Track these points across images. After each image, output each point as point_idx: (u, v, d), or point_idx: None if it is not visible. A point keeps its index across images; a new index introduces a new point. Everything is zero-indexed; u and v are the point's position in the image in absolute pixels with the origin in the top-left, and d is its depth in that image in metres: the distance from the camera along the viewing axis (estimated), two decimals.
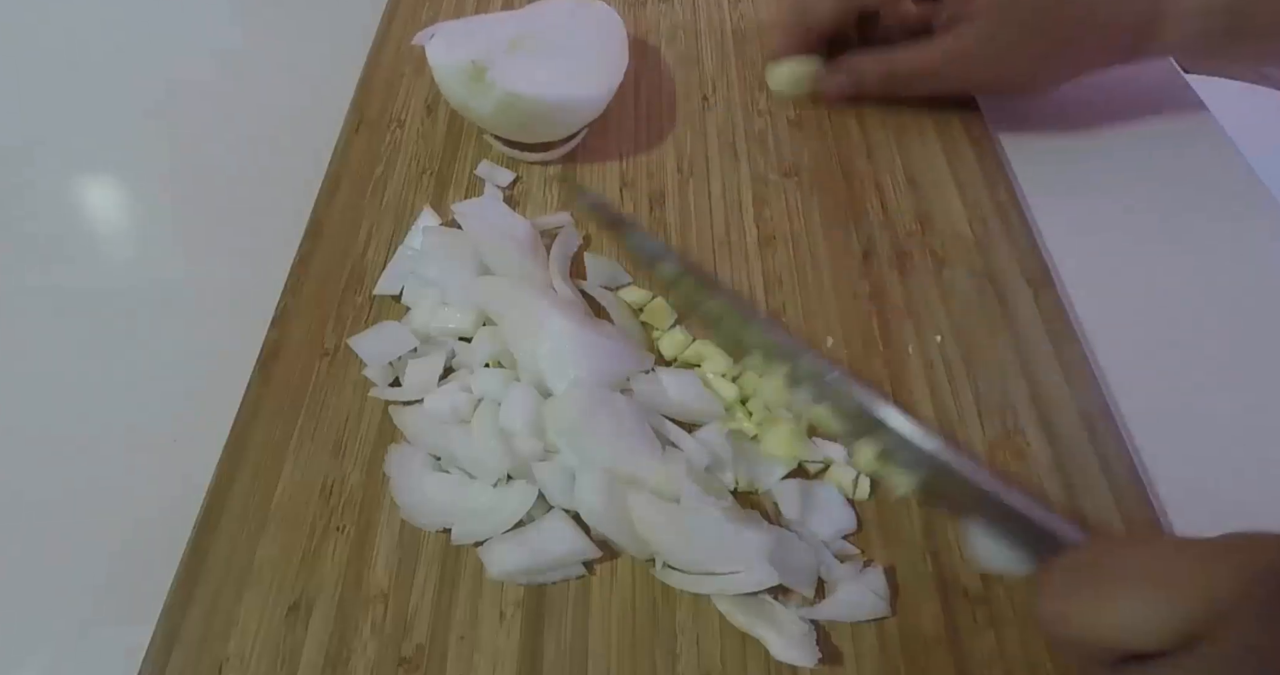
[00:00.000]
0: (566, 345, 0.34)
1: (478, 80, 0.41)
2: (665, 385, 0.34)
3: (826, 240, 0.41)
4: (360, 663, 0.30)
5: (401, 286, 0.39)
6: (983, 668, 0.29)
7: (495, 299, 0.37)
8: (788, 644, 0.28)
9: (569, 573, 0.31)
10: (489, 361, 0.36)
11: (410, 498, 0.33)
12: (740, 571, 0.30)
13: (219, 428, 0.35)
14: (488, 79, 0.41)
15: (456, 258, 0.38)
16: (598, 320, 0.37)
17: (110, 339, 0.41)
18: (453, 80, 0.42)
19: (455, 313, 0.37)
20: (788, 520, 0.32)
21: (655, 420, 0.34)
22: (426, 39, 0.43)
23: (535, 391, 0.34)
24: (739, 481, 0.32)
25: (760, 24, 0.52)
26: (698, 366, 0.36)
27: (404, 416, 0.35)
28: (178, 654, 0.30)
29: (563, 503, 0.32)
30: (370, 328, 0.38)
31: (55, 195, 0.48)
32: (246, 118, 0.51)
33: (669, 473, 0.31)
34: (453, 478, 0.33)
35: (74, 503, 0.36)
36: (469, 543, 0.32)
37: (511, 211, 0.42)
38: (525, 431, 0.33)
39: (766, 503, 0.33)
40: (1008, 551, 0.29)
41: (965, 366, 0.36)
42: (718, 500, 0.31)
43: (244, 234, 0.45)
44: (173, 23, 0.58)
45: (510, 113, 0.42)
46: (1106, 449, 0.33)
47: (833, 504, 0.32)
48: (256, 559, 0.32)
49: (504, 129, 0.44)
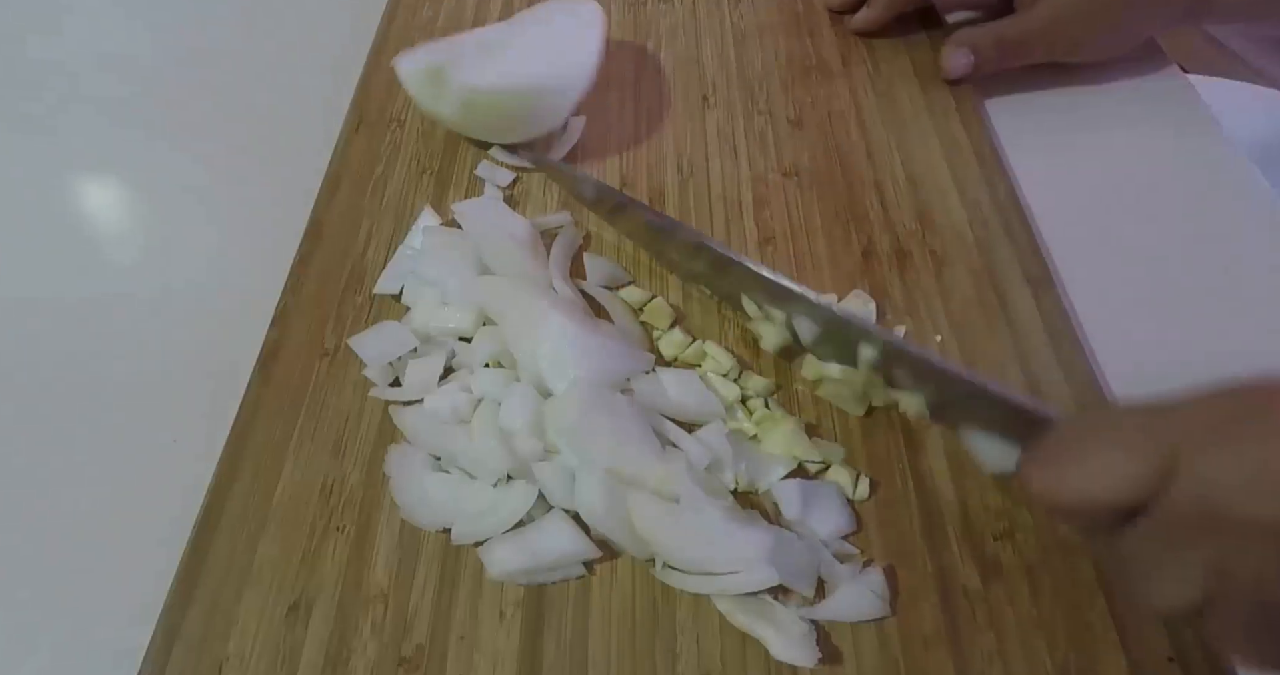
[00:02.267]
0: (566, 345, 0.34)
1: (437, 82, 0.41)
2: (665, 385, 0.34)
3: (826, 240, 0.41)
4: (360, 663, 0.30)
5: (401, 286, 0.39)
6: (983, 668, 0.29)
7: (495, 299, 0.37)
8: (788, 644, 0.28)
9: (569, 573, 0.31)
10: (489, 361, 0.36)
11: (410, 497, 0.33)
12: (740, 571, 0.30)
13: (219, 428, 0.35)
14: (446, 79, 0.41)
15: (456, 258, 0.38)
16: (598, 320, 0.37)
17: (110, 339, 0.41)
18: (415, 85, 0.42)
19: (455, 312, 0.37)
20: (788, 520, 0.32)
21: (655, 420, 0.34)
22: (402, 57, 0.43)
23: (535, 391, 0.34)
24: (739, 481, 0.32)
25: (760, 25, 0.52)
26: (698, 366, 0.36)
27: (404, 416, 0.35)
28: (178, 654, 0.30)
29: (563, 503, 0.32)
30: (370, 328, 0.38)
31: (55, 195, 0.48)
32: (246, 118, 0.51)
33: (669, 473, 0.31)
34: (453, 477, 0.33)
35: (74, 503, 0.36)
36: (469, 543, 0.32)
37: (511, 211, 0.41)
38: (525, 431, 0.33)
39: (766, 503, 0.33)
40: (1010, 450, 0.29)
41: (965, 366, 0.36)
42: (718, 500, 0.31)
43: (244, 234, 0.45)
44: (172, 22, 0.58)
45: (474, 110, 0.42)
46: None
47: (833, 504, 0.32)
48: (256, 559, 0.32)
49: (474, 129, 0.44)
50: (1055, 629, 0.29)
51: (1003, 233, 0.40)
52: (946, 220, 0.41)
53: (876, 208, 0.42)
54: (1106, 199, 0.43)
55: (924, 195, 0.42)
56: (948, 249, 0.40)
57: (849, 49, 0.50)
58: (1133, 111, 0.46)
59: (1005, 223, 0.41)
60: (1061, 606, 0.30)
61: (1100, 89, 0.47)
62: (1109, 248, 0.41)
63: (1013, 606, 0.30)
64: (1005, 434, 0.29)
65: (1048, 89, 0.47)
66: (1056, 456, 0.26)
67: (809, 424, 0.34)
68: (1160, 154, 0.44)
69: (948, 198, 0.42)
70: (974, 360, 0.36)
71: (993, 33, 0.45)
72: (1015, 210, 0.41)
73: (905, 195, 0.42)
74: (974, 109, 0.46)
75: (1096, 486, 0.24)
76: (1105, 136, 0.45)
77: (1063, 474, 0.25)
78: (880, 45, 0.50)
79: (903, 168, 0.43)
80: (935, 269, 0.39)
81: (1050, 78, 0.47)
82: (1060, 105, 0.47)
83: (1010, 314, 0.37)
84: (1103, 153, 0.45)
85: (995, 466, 0.30)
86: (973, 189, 0.42)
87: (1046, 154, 0.45)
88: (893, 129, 0.45)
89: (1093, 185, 0.43)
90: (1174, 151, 0.44)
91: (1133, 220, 0.42)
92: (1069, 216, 0.42)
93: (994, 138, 0.45)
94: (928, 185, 0.42)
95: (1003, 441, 0.30)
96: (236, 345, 0.38)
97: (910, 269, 0.39)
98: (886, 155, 0.44)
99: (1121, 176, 0.44)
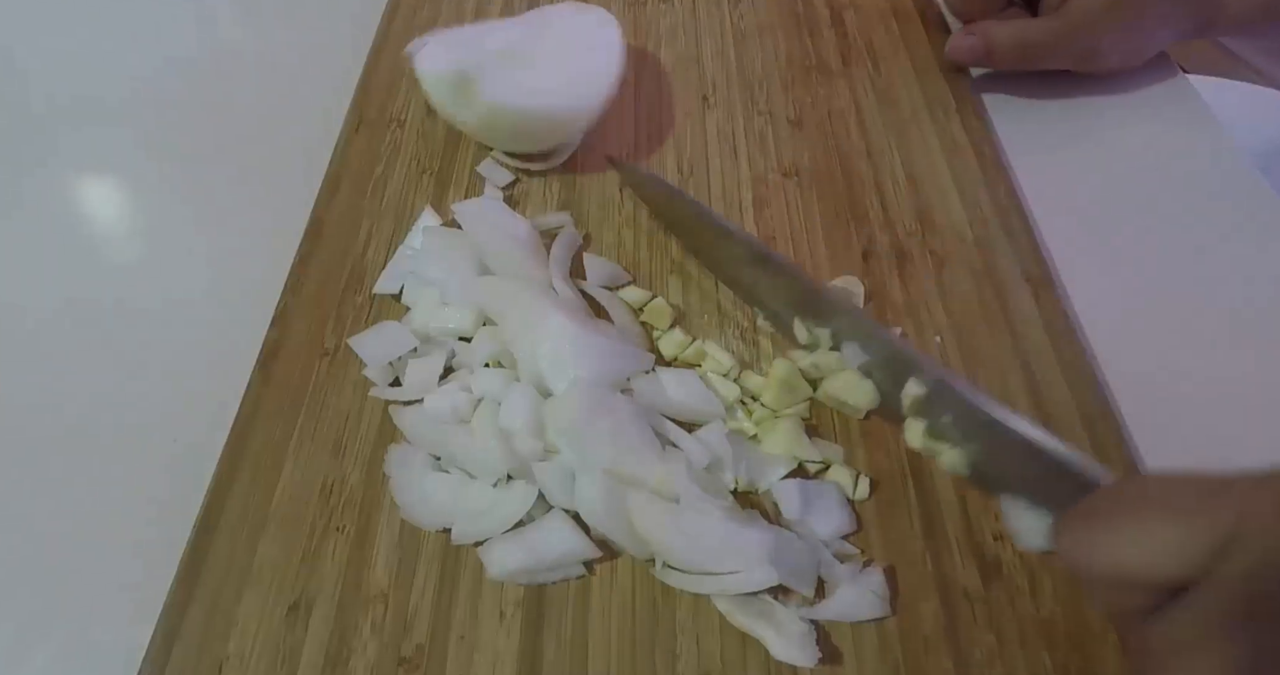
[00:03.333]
0: (566, 345, 0.34)
1: (464, 91, 0.41)
2: (665, 385, 0.34)
3: (826, 240, 0.41)
4: (360, 663, 0.30)
5: (401, 286, 0.39)
6: (983, 668, 0.29)
7: (495, 299, 0.37)
8: (788, 644, 0.28)
9: (569, 573, 0.31)
10: (489, 361, 0.36)
11: (410, 497, 0.33)
12: (740, 571, 0.30)
13: (219, 428, 0.36)
14: (474, 90, 0.40)
15: (456, 258, 0.38)
16: (598, 320, 0.37)
17: (110, 339, 0.41)
18: (439, 90, 0.42)
19: (455, 312, 0.37)
20: (788, 520, 0.32)
21: (655, 420, 0.34)
22: (418, 48, 0.43)
23: (535, 391, 0.34)
24: (739, 481, 0.32)
25: (760, 25, 0.52)
26: (698, 366, 0.36)
27: (404, 417, 0.35)
28: (178, 654, 0.30)
29: (563, 503, 0.32)
30: (370, 328, 0.38)
31: (55, 195, 0.48)
32: (246, 118, 0.51)
33: (669, 472, 0.31)
34: (453, 477, 0.33)
35: (74, 503, 0.36)
36: (469, 542, 0.32)
37: (511, 211, 0.41)
38: (525, 431, 0.33)
39: (766, 503, 0.33)
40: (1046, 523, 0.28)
41: (965, 366, 0.36)
42: (717, 500, 0.31)
43: (244, 234, 0.45)
44: (172, 23, 0.58)
45: (497, 123, 0.42)
46: (1107, 449, 0.33)
47: (833, 504, 0.32)
48: (256, 559, 0.32)
49: (492, 139, 0.44)
50: (1055, 629, 0.29)
51: (1003, 233, 0.40)
52: (946, 220, 0.41)
53: (876, 208, 0.42)
54: (1106, 199, 0.43)
55: (924, 195, 0.42)
56: (948, 249, 0.40)
57: (849, 49, 0.50)
58: (1133, 111, 0.46)
59: (1005, 223, 0.41)
60: (1061, 606, 0.30)
61: (1100, 89, 0.47)
62: (1109, 248, 0.41)
63: (1013, 606, 0.30)
64: (1049, 502, 0.28)
65: (1048, 89, 0.47)
66: (1099, 518, 0.24)
67: (809, 424, 0.34)
68: (1160, 154, 0.44)
69: (948, 198, 0.42)
70: (974, 360, 0.36)
71: (1016, 32, 0.45)
72: (1015, 210, 0.41)
73: (905, 195, 0.42)
74: (974, 109, 0.46)
75: (1140, 555, 0.22)
76: (1105, 136, 0.45)
77: (1104, 538, 0.23)
78: (880, 45, 0.50)
79: (903, 168, 0.43)
80: (935, 269, 0.39)
81: (1050, 78, 0.47)
82: (1060, 105, 0.47)
83: (1010, 314, 0.37)
84: (1103, 153, 0.45)
85: (1033, 543, 0.28)
86: (973, 189, 0.42)
87: (1046, 154, 0.45)
88: (893, 129, 0.45)
89: (1093, 185, 0.43)
90: (1174, 151, 0.45)
91: (1133, 220, 0.42)
92: (1069, 216, 0.42)
93: (994, 138, 0.45)
94: (928, 185, 0.43)
95: (1044, 512, 0.28)
96: (236, 345, 0.38)
97: (910, 269, 0.39)
98: (886, 155, 0.44)
99: (1122, 176, 0.44)
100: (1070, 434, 0.33)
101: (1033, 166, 0.44)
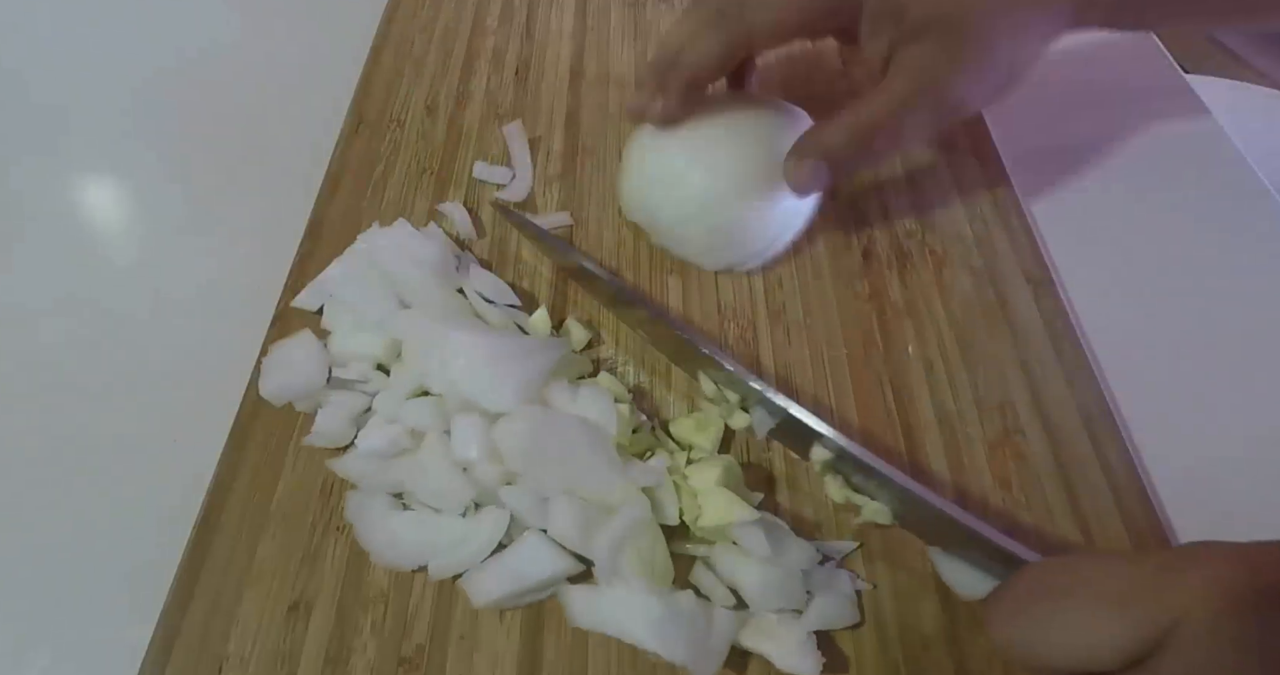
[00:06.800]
0: (477, 355, 0.33)
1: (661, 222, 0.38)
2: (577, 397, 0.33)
3: (826, 240, 0.41)
4: (360, 663, 0.30)
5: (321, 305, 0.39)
6: (982, 668, 0.29)
7: (398, 330, 0.35)
8: (787, 654, 0.28)
9: (557, 590, 0.30)
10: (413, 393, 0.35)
11: (378, 542, 0.32)
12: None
13: (219, 428, 0.36)
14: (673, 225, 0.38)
15: (369, 286, 0.37)
16: (502, 329, 0.36)
17: (110, 339, 0.41)
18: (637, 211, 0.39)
19: (370, 338, 0.36)
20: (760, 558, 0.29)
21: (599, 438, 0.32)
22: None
23: (480, 418, 0.32)
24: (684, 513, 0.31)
25: None
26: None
27: (344, 464, 0.34)
28: (178, 653, 0.30)
29: (537, 523, 0.31)
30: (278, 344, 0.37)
31: (56, 196, 0.48)
32: (246, 118, 0.51)
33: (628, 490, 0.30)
34: (418, 514, 0.32)
35: (74, 503, 0.36)
36: (448, 576, 0.31)
37: (424, 237, 0.39)
38: (483, 459, 0.31)
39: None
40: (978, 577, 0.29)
41: (965, 367, 0.36)
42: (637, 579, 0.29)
43: (244, 234, 0.45)
44: (172, 23, 0.58)
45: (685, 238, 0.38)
46: (1106, 449, 0.33)
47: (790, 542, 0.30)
48: (256, 559, 0.32)
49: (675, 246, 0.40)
50: None
51: (1003, 233, 0.40)
52: (946, 220, 0.41)
53: (876, 208, 0.42)
54: (1106, 199, 0.43)
55: (924, 195, 0.42)
56: (948, 249, 0.40)
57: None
58: (1133, 111, 0.46)
59: (1005, 223, 0.41)
60: None
61: (1100, 89, 0.47)
62: (1109, 248, 0.41)
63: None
64: (977, 565, 0.28)
65: (1048, 89, 0.47)
66: (1032, 606, 0.23)
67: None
68: (1160, 154, 0.44)
69: (948, 198, 0.42)
70: (974, 360, 0.36)
71: (849, 125, 0.34)
72: (1015, 210, 0.41)
73: (905, 195, 0.42)
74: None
75: (1076, 649, 0.21)
76: (1105, 136, 0.45)
77: (1038, 628, 0.22)
78: None
79: (902, 168, 0.43)
80: (935, 269, 0.39)
81: (1050, 78, 0.47)
82: (1059, 105, 0.47)
83: (1010, 314, 0.37)
84: (1102, 153, 0.45)
85: (966, 591, 0.29)
86: (973, 189, 0.42)
87: (1046, 154, 0.45)
88: None
89: (1092, 185, 0.43)
90: (1174, 151, 0.44)
91: (1132, 220, 0.42)
92: (1069, 216, 0.42)
93: (994, 138, 0.45)
94: (928, 185, 0.43)
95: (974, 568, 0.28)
96: (236, 345, 0.38)
97: (910, 269, 0.39)
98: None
99: (1121, 176, 0.44)
100: (1070, 433, 0.33)
101: (1032, 167, 0.44)
